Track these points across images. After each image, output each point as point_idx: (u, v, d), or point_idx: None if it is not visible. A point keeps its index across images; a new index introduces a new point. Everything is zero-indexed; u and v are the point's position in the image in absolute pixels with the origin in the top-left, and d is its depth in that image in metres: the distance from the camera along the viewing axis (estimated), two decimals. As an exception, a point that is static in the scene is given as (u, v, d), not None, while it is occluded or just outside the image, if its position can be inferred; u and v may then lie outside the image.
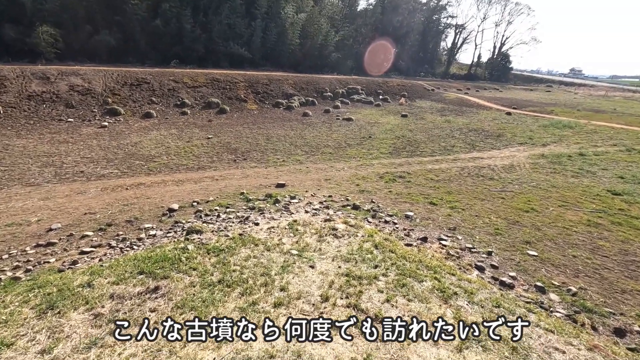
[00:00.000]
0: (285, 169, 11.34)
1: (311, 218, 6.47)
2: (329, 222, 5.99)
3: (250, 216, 6.89)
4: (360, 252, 4.90)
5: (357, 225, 5.92)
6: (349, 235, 5.45)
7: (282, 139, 15.24)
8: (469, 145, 15.20)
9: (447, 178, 10.81)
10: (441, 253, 5.95)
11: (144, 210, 7.83)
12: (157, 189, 9.25)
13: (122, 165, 11.00)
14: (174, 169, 10.94)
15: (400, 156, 13.30)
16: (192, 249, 4.57)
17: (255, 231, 5.54)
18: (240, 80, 24.02)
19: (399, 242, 5.76)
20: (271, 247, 4.91)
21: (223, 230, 5.69)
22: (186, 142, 14.03)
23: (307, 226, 5.72)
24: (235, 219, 6.88)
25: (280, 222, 6.07)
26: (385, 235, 5.82)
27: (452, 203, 8.70)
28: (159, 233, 6.53)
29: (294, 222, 5.94)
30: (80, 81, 18.70)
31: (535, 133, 17.87)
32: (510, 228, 7.39)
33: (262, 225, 5.92)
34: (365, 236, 5.46)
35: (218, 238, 5.13)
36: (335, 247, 5.06)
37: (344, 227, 5.76)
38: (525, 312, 4.21)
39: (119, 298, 3.43)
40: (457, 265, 5.53)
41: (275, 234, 5.38)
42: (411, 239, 6.44)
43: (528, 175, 11.34)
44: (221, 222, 6.74)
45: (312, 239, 5.24)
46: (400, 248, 5.19)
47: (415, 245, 6.06)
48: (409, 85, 34.57)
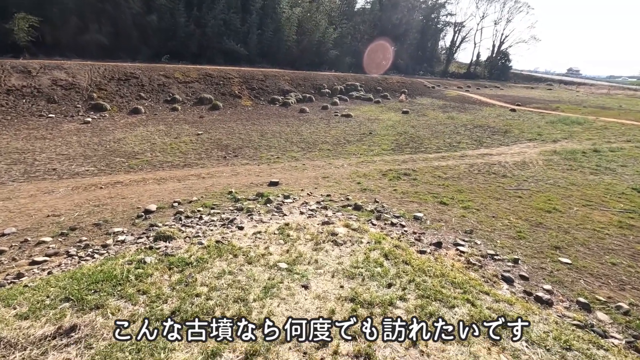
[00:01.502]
0: (279, 166, 10.41)
1: (307, 220, 5.54)
2: (327, 226, 5.06)
3: (236, 218, 5.95)
4: (367, 265, 3.95)
5: (361, 229, 4.99)
6: (351, 241, 4.51)
7: (277, 135, 14.31)
8: (476, 142, 14.31)
9: (456, 175, 9.90)
10: (460, 261, 5.03)
11: (116, 211, 6.88)
12: (136, 188, 8.29)
13: (100, 163, 10.04)
14: (157, 167, 9.98)
15: (404, 153, 12.39)
16: (151, 262, 3.62)
17: (237, 237, 4.59)
18: (234, 75, 23.07)
19: (411, 249, 4.82)
20: (254, 258, 3.96)
21: (199, 236, 4.74)
22: (174, 139, 13.07)
23: (301, 231, 4.78)
24: (219, 221, 5.94)
25: (270, 225, 5.13)
26: (394, 241, 4.88)
27: (464, 203, 7.79)
28: (128, 238, 5.58)
29: (285, 225, 4.99)
30: (64, 75, 17.69)
31: (543, 129, 17.02)
32: (534, 231, 6.48)
33: (247, 229, 4.97)
34: (371, 243, 4.52)
35: (189, 247, 4.17)
36: (335, 258, 4.13)
37: (346, 231, 4.83)
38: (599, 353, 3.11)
39: (8, 347, 2.38)
40: (482, 276, 4.61)
41: (262, 241, 4.44)
42: (423, 245, 5.52)
43: (543, 172, 10.46)
44: (202, 226, 5.81)
45: (307, 247, 4.29)
46: (415, 258, 4.25)
47: (430, 252, 5.13)
48: (409, 82, 33.72)
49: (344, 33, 41.49)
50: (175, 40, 28.99)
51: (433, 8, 59.52)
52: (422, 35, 58.19)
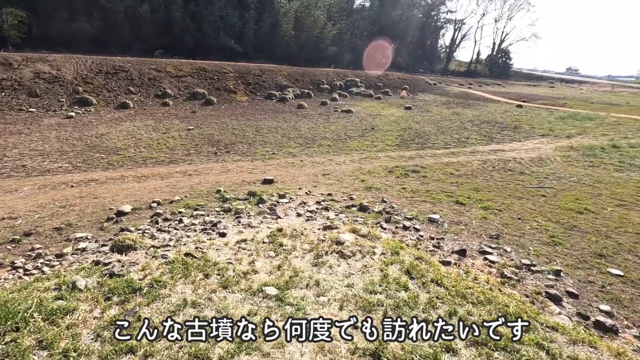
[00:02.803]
0: (274, 163, 9.48)
1: (304, 224, 4.62)
2: (330, 231, 4.14)
3: (221, 222, 5.02)
4: (387, 288, 2.97)
5: (372, 236, 4.07)
6: (362, 252, 3.58)
7: (273, 131, 13.38)
8: (486, 137, 13.42)
9: (469, 172, 9.00)
10: (492, 274, 4.11)
11: (84, 213, 5.94)
12: (112, 186, 7.35)
13: (77, 159, 9.09)
14: (140, 163, 9.04)
15: (410, 148, 11.49)
16: (84, 288, 2.66)
17: (216, 247, 3.65)
18: (229, 70, 22.11)
19: (434, 259, 3.89)
20: (232, 279, 2.96)
21: (169, 246, 3.79)
22: (162, 134, 12.12)
23: (297, 238, 3.84)
24: (200, 225, 5.01)
25: (260, 230, 4.20)
26: (414, 250, 3.95)
27: (483, 202, 6.88)
28: (91, 246, 4.65)
29: (278, 231, 4.04)
30: (48, 68, 16.70)
31: (554, 125, 16.14)
32: (569, 235, 5.58)
33: (230, 236, 4.04)
34: (387, 254, 3.59)
35: (148, 262, 3.20)
36: (342, 277, 3.16)
37: (353, 238, 3.91)
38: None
39: None
40: (523, 294, 3.70)
41: (246, 253, 3.49)
42: (444, 253, 4.60)
43: (563, 169, 9.57)
44: (180, 230, 4.87)
45: (305, 262, 3.36)
46: (445, 275, 3.31)
47: (454, 262, 4.22)
48: (410, 79, 32.85)
49: (343, 29, 40.55)
50: (169, 35, 28.01)
51: (433, 5, 58.69)
52: (422, 33, 57.33)
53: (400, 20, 50.50)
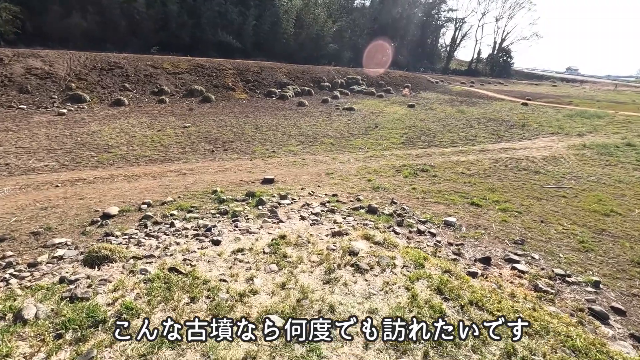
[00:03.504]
0: (275, 161, 8.97)
1: (310, 229, 4.10)
2: (340, 238, 3.63)
3: (216, 226, 4.50)
4: (419, 314, 2.44)
5: (388, 243, 3.55)
6: (380, 265, 3.05)
7: (273, 128, 12.85)
8: (494, 135, 12.92)
9: (481, 172, 8.50)
10: (524, 286, 3.61)
11: (67, 216, 5.42)
12: (100, 186, 6.82)
13: (65, 157, 8.55)
14: (131, 161, 8.51)
15: (416, 147, 10.97)
16: (32, 318, 2.10)
17: (207, 258, 3.13)
18: (228, 67, 21.56)
19: (460, 270, 3.37)
20: (224, 305, 2.39)
21: (152, 257, 3.24)
22: (157, 131, 11.58)
23: (303, 247, 3.32)
24: (193, 230, 4.49)
25: (260, 237, 3.68)
26: (437, 260, 3.43)
27: (501, 204, 6.38)
28: (69, 253, 4.13)
29: (281, 238, 3.51)
30: (40, 64, 16.14)
31: (563, 123, 15.65)
32: (599, 240, 5.08)
33: (225, 244, 3.51)
34: (409, 267, 3.06)
35: (123, 280, 2.64)
36: (362, 299, 2.61)
37: (367, 247, 3.40)
38: None
39: None
40: (565, 311, 3.19)
41: (243, 267, 2.96)
42: (467, 261, 4.10)
43: (579, 168, 9.08)
44: (170, 236, 4.35)
45: (315, 278, 2.84)
46: (484, 294, 2.78)
47: (481, 273, 3.71)
48: (412, 77, 32.34)
49: (343, 27, 40.02)
50: (166, 31, 27.41)
51: (434, 4, 58.12)
52: (423, 32, 56.81)
53: (401, 19, 49.98)
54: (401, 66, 48.28)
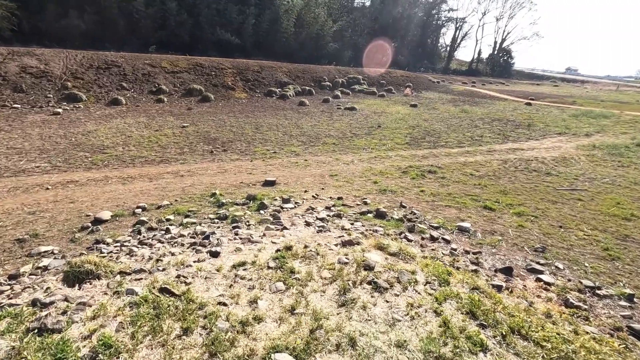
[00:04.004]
0: (276, 162, 8.63)
1: (317, 238, 3.77)
2: (351, 249, 3.29)
3: (214, 233, 4.17)
4: (455, 349, 2.08)
5: (404, 254, 3.22)
6: (400, 281, 2.69)
7: (273, 128, 12.52)
8: (500, 136, 12.60)
9: (491, 173, 8.17)
10: (552, 301, 3.28)
11: (55, 221, 5.09)
12: (92, 188, 6.49)
13: (58, 158, 8.21)
14: (127, 163, 8.17)
15: (422, 147, 10.65)
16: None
17: (204, 274, 2.77)
18: (227, 66, 21.22)
19: (489, 287, 3.03)
20: (224, 338, 2.02)
21: (143, 272, 2.88)
22: (154, 131, 11.25)
23: (312, 260, 2.97)
24: (190, 237, 4.16)
25: (262, 248, 3.34)
26: (464, 275, 3.09)
27: (515, 207, 6.06)
28: (55, 263, 3.80)
29: (286, 249, 3.17)
30: (35, 62, 15.79)
31: (569, 122, 15.35)
32: (624, 247, 4.75)
33: (224, 256, 3.17)
34: (434, 284, 2.70)
35: (105, 304, 2.23)
36: (386, 327, 2.24)
37: (382, 259, 3.06)
38: None
39: None
40: (603, 329, 2.86)
41: (245, 285, 2.58)
42: (487, 272, 3.77)
43: (592, 169, 8.76)
44: (165, 244, 4.02)
45: (328, 299, 2.48)
46: (523, 318, 2.43)
47: (505, 286, 3.38)
48: (414, 76, 32.05)
49: (343, 26, 39.71)
50: (165, 29, 27.07)
51: (434, 3, 57.92)
52: (423, 32, 56.60)
53: (401, 18, 49.73)
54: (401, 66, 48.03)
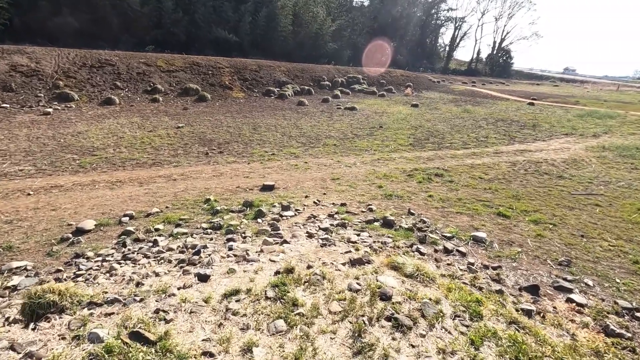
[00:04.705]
0: (275, 165, 8.21)
1: (322, 254, 3.36)
2: (362, 269, 2.87)
3: (206, 247, 3.75)
4: None
5: (421, 275, 2.80)
6: (424, 315, 2.21)
7: (272, 129, 12.09)
8: (506, 137, 12.22)
9: (500, 176, 7.78)
10: (589, 327, 2.88)
11: (34, 231, 4.65)
12: (78, 194, 6.05)
13: (44, 161, 7.77)
14: (117, 165, 7.73)
15: (426, 149, 10.25)
16: None
17: (190, 307, 2.31)
18: (224, 65, 20.78)
19: (530, 321, 2.60)
20: None
21: (119, 303, 2.44)
22: (147, 132, 10.80)
23: (317, 287, 2.52)
24: (179, 251, 3.74)
25: (259, 269, 2.90)
26: (497, 304, 2.68)
27: (530, 214, 5.66)
28: (27, 282, 3.39)
29: (287, 273, 2.70)
30: (26, 61, 15.31)
31: (575, 123, 14.99)
32: (655, 259, 4.36)
33: (214, 280, 2.73)
34: (464, 317, 2.24)
35: (59, 355, 1.86)
36: None
37: (398, 282, 2.64)
38: None
39: None
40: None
41: (238, 323, 2.11)
42: (510, 290, 3.37)
43: (604, 172, 8.39)
44: (151, 260, 3.60)
45: (339, 345, 1.99)
46: None
47: (537, 311, 2.97)
48: (414, 76, 31.68)
49: (342, 26, 39.27)
50: (161, 28, 26.58)
51: (433, 3, 57.59)
52: (422, 31, 56.30)
53: (400, 18, 49.36)
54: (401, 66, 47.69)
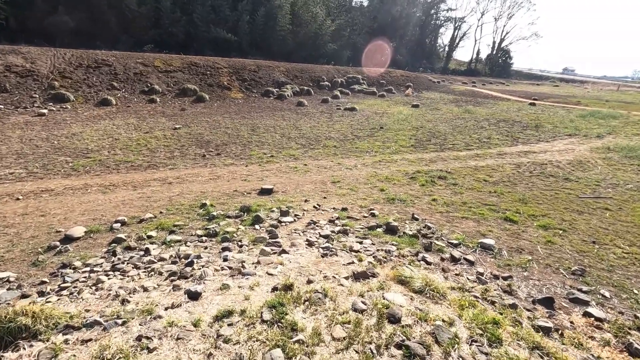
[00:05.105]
0: (273, 167, 8.00)
1: (323, 265, 3.15)
2: (367, 284, 2.64)
3: (200, 257, 3.54)
4: None
5: (431, 291, 2.58)
6: (438, 341, 1.97)
7: (270, 130, 11.88)
8: (509, 137, 12.02)
9: (505, 179, 7.57)
10: (610, 344, 2.68)
11: (20, 238, 4.44)
12: (69, 198, 5.83)
13: (36, 163, 7.55)
14: (111, 168, 7.51)
15: (428, 150, 10.05)
16: None
17: (176, 333, 2.08)
18: (223, 65, 20.56)
19: (553, 345, 2.41)
20: None
21: (98, 326, 2.22)
22: (144, 134, 10.58)
23: (318, 307, 2.27)
24: (171, 261, 3.53)
25: (255, 284, 2.68)
26: (516, 326, 2.47)
27: (538, 219, 5.46)
28: (8, 296, 3.19)
29: (285, 289, 2.45)
30: (21, 61, 15.08)
31: (578, 123, 14.80)
32: (672, 268, 4.16)
33: (206, 298, 2.50)
34: (481, 343, 2.00)
35: None
36: None
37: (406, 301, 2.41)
38: None
39: None
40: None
41: (230, 353, 1.89)
42: (524, 303, 3.16)
43: (612, 174, 8.18)
44: (141, 270, 3.39)
45: None
46: None
47: (554, 327, 2.77)
48: (414, 76, 31.50)
49: (342, 26, 39.07)
50: (159, 28, 26.36)
51: (432, 3, 57.43)
52: (422, 31, 56.17)
53: (400, 18, 49.17)
54: (400, 66, 47.53)
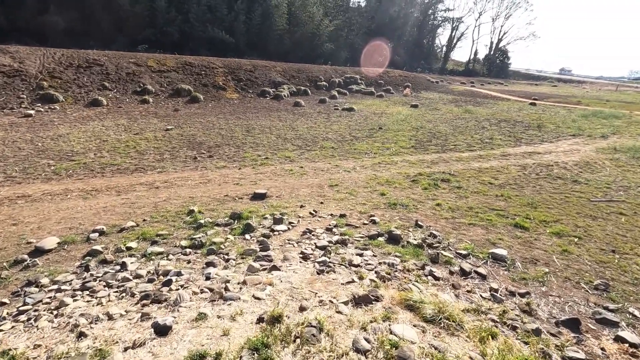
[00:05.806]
0: (268, 170, 7.60)
1: (318, 285, 2.75)
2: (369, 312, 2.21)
3: (180, 274, 3.14)
4: None
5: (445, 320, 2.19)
6: None
7: (266, 131, 11.48)
8: (511, 138, 11.67)
9: (511, 181, 7.21)
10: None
11: (-15, 251, 4.02)
12: (46, 205, 5.41)
13: (15, 167, 7.11)
14: (96, 172, 7.09)
15: (429, 151, 9.68)
16: None
17: None
18: (218, 65, 20.15)
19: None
20: None
21: None
22: (133, 135, 10.16)
23: (312, 347, 1.87)
24: (147, 279, 3.13)
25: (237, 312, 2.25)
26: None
27: (551, 225, 5.09)
28: (-43, 322, 2.75)
29: (272, 321, 2.02)
30: (9, 60, 14.62)
31: (581, 123, 14.49)
32: (702, 281, 3.79)
33: (176, 332, 2.09)
34: None
35: None
36: None
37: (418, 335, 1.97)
38: None
39: None
40: None
41: None
42: (546, 326, 2.78)
43: (621, 176, 7.84)
44: (112, 292, 2.98)
45: None
46: None
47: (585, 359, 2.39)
48: (412, 76, 31.18)
49: (339, 26, 38.73)
50: (154, 27, 25.91)
51: (430, 3, 57.23)
52: (419, 32, 55.96)
53: (398, 18, 48.92)
54: (398, 66, 47.22)
